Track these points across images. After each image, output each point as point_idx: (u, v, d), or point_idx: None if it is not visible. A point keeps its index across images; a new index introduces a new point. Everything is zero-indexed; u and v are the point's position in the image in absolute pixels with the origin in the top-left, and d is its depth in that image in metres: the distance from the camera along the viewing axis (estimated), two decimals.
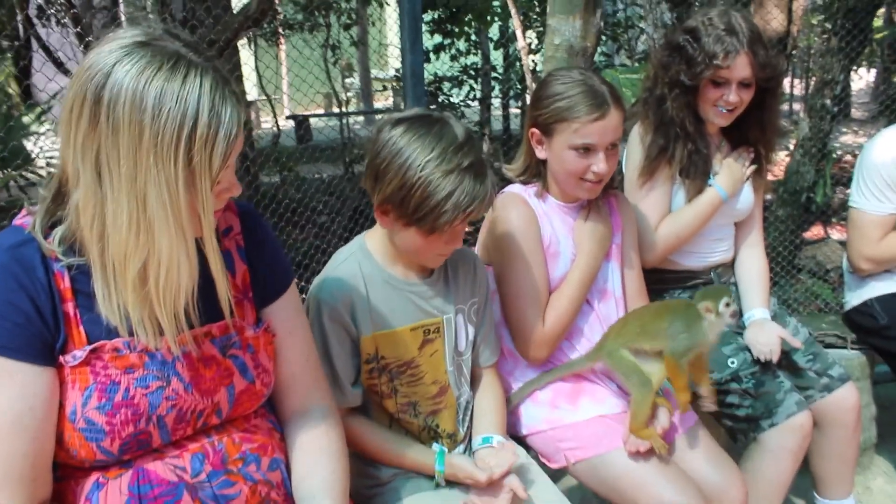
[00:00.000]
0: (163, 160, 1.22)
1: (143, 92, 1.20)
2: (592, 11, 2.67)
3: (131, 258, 1.25)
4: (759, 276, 2.60)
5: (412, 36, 3.07)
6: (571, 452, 2.05)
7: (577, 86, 2.05)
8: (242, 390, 1.48)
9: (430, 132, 1.72)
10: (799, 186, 5.25)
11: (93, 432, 1.33)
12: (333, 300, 1.79)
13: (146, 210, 1.23)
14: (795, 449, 2.28)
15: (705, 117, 2.46)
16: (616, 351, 2.06)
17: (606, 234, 2.18)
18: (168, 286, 1.28)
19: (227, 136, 1.25)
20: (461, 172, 1.68)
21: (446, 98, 8.71)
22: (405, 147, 1.71)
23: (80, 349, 1.33)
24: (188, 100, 1.22)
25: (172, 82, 1.22)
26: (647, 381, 2.01)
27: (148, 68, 1.21)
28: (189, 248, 1.29)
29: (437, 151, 1.69)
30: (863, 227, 2.76)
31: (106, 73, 1.21)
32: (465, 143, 1.72)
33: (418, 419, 1.91)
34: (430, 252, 1.82)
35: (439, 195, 1.67)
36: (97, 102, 1.21)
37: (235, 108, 1.27)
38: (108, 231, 1.25)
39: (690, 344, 2.02)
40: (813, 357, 2.52)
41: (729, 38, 2.32)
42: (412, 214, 1.71)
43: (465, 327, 1.95)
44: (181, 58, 1.24)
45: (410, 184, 1.68)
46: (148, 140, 1.21)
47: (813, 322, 3.32)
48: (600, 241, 2.16)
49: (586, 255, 2.14)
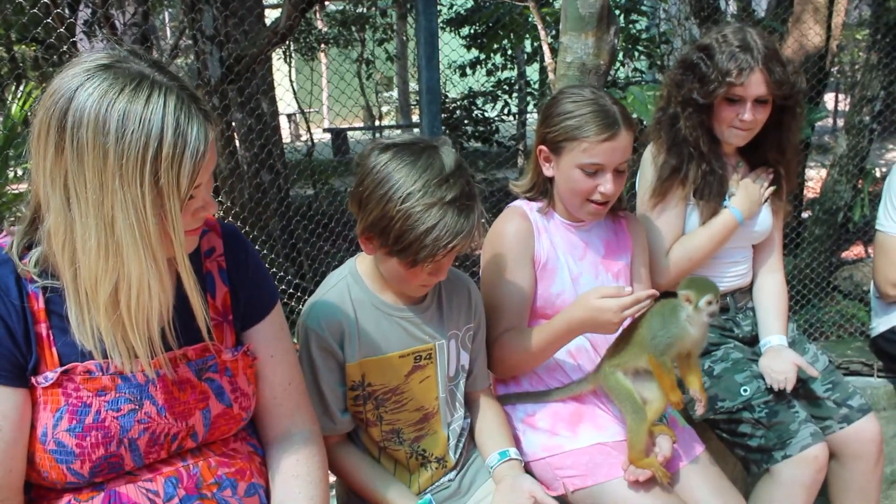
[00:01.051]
0: (128, 182, 1.21)
1: (106, 115, 1.20)
2: (606, 29, 2.62)
3: (102, 282, 1.25)
4: (778, 301, 2.51)
5: (428, 52, 3.05)
6: (570, 480, 1.99)
7: (588, 105, 2.01)
8: (219, 414, 1.46)
9: (417, 162, 1.67)
10: (835, 205, 5.11)
11: (63, 454, 1.33)
12: (320, 327, 1.77)
13: (114, 233, 1.23)
14: (809, 482, 2.19)
15: (721, 137, 2.40)
16: (612, 374, 2.01)
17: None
18: (139, 309, 1.28)
19: (194, 154, 1.24)
20: (443, 207, 1.63)
21: (481, 112, 8.69)
22: (388, 176, 1.66)
23: (51, 370, 1.33)
24: (152, 120, 1.21)
25: (135, 103, 1.21)
26: (640, 409, 1.95)
27: (110, 90, 1.21)
28: (160, 271, 1.28)
29: (419, 183, 1.64)
30: (890, 251, 2.67)
31: (69, 98, 1.21)
32: (451, 174, 1.67)
33: (403, 446, 1.88)
34: (413, 282, 1.79)
35: (419, 229, 1.63)
36: (61, 127, 1.21)
37: (202, 125, 1.26)
38: (78, 255, 1.25)
39: (669, 339, 1.93)
40: (832, 386, 2.43)
41: (743, 54, 2.26)
42: (392, 245, 1.68)
43: (457, 353, 1.92)
44: (145, 78, 1.24)
45: (391, 215, 1.65)
46: (113, 163, 1.20)
47: (838, 348, 3.21)
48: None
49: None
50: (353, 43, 9.07)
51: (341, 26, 9.08)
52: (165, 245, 1.28)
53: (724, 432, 2.36)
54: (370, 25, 8.97)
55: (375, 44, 9.22)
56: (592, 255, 2.17)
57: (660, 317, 1.96)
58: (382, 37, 9.27)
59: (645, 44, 6.92)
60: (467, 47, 8.52)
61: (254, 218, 4.73)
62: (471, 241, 1.70)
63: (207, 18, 4.55)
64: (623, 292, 1.89)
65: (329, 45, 9.25)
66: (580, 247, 2.16)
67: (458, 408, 1.95)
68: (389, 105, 13.69)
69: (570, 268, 2.13)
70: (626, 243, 2.24)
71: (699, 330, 1.95)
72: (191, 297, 1.34)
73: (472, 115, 8.57)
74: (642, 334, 1.97)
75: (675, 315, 1.94)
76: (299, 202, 6.38)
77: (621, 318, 1.89)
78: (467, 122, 8.56)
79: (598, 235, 2.19)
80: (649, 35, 7.09)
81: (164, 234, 1.27)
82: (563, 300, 2.11)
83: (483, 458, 1.96)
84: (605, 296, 1.90)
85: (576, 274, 2.13)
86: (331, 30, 9.40)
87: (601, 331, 1.98)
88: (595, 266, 2.16)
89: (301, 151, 8.45)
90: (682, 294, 1.93)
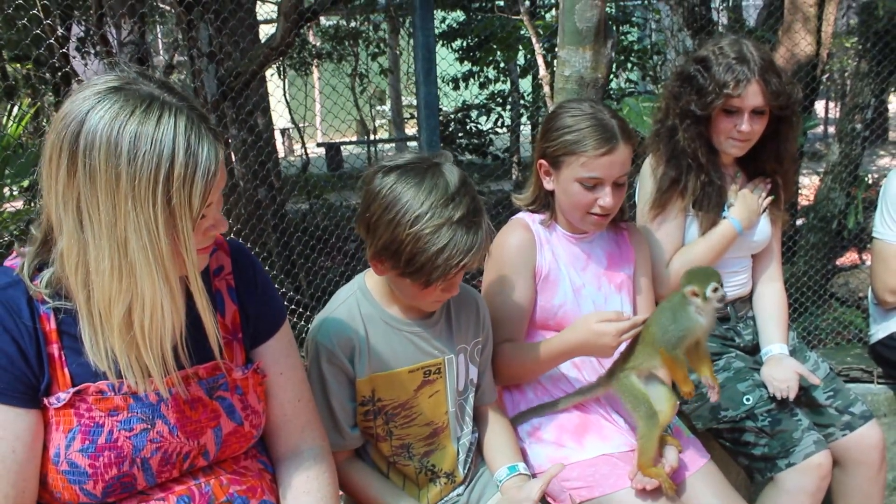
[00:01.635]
0: (141, 204, 1.22)
1: (118, 137, 1.21)
2: (603, 42, 2.65)
3: (115, 303, 1.25)
4: (778, 310, 2.53)
5: (426, 67, 3.07)
6: (577, 492, 2.00)
7: (587, 119, 2.03)
8: (230, 432, 1.47)
9: (422, 183, 1.67)
10: (829, 212, 5.14)
11: (76, 475, 1.33)
12: (331, 343, 1.77)
13: (127, 254, 1.23)
14: (813, 490, 2.20)
15: (719, 147, 2.42)
16: (626, 377, 2.01)
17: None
18: (153, 329, 1.28)
19: (206, 174, 1.25)
20: (452, 226, 1.64)
21: (475, 125, 8.72)
22: (395, 200, 1.66)
23: (64, 391, 1.33)
24: (163, 141, 1.22)
25: (146, 125, 1.22)
26: (654, 414, 1.96)
27: (121, 113, 1.22)
28: (173, 291, 1.28)
29: (427, 205, 1.64)
30: (887, 258, 2.68)
31: (80, 121, 1.22)
32: (456, 192, 1.67)
33: (413, 461, 1.88)
34: (427, 299, 1.80)
35: (430, 251, 1.64)
36: (73, 151, 1.22)
37: (213, 145, 1.27)
38: (91, 277, 1.25)
39: (681, 333, 1.94)
40: (834, 393, 2.44)
41: (740, 66, 2.28)
42: (405, 268, 1.68)
43: (465, 367, 1.93)
44: (155, 99, 1.25)
45: (400, 239, 1.65)
46: (125, 185, 1.21)
47: (838, 355, 3.22)
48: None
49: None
50: (346, 57, 9.10)
51: (335, 41, 9.10)
52: (178, 265, 1.29)
53: (727, 441, 2.38)
54: (363, 40, 8.99)
55: (369, 58, 9.25)
56: (595, 267, 2.18)
57: (669, 312, 1.97)
58: (375, 50, 9.31)
59: (637, 55, 6.96)
60: (460, 60, 8.56)
61: (250, 232, 4.74)
62: (481, 256, 1.71)
63: (203, 35, 4.57)
64: (622, 317, 1.93)
65: (323, 59, 9.27)
66: (582, 258, 2.17)
67: (468, 422, 1.96)
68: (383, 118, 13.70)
69: (573, 279, 2.14)
70: (628, 255, 2.25)
71: (708, 318, 1.97)
72: (203, 316, 1.35)
73: (466, 127, 8.60)
74: (652, 332, 1.98)
75: (684, 308, 1.95)
76: (294, 217, 6.38)
77: (619, 342, 1.93)
78: (462, 135, 8.59)
79: (600, 247, 2.21)
80: (641, 46, 7.14)
81: (176, 254, 1.27)
82: (564, 312, 2.12)
83: (491, 473, 1.96)
84: (605, 320, 1.93)
85: (578, 285, 2.14)
86: (324, 44, 9.43)
87: (598, 354, 2.02)
88: (598, 277, 2.17)
89: (296, 166, 8.45)
90: (687, 290, 1.95)
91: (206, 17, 4.30)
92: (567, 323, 2.10)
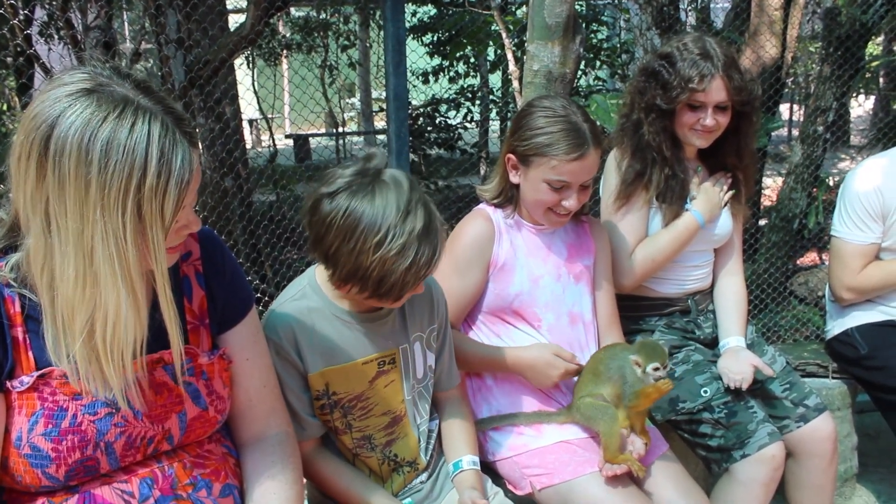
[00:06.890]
0: (110, 213, 1.19)
1: (89, 144, 1.17)
2: (572, 38, 2.67)
3: (78, 311, 1.24)
4: (737, 304, 2.59)
5: (395, 59, 3.07)
6: (537, 479, 2.03)
7: (559, 122, 2.05)
8: (195, 417, 1.47)
9: (373, 201, 1.61)
10: (791, 213, 5.24)
11: (38, 458, 1.32)
12: (278, 336, 1.75)
13: (93, 263, 1.21)
14: (766, 480, 2.25)
15: (683, 139, 2.46)
16: (582, 400, 2.07)
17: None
18: (115, 341, 1.26)
19: (179, 183, 1.23)
20: (414, 241, 1.60)
21: (444, 120, 8.73)
22: (351, 228, 1.61)
23: (27, 375, 1.32)
24: (136, 150, 1.19)
25: (119, 132, 1.19)
26: (609, 410, 2.01)
27: (93, 118, 1.18)
28: (138, 302, 1.26)
29: (386, 226, 1.59)
30: (844, 256, 2.75)
31: (50, 125, 1.18)
32: (409, 200, 1.62)
33: (376, 452, 1.88)
34: (392, 306, 1.81)
35: (398, 271, 1.61)
36: (43, 154, 1.18)
37: (188, 151, 1.24)
38: (56, 282, 1.24)
39: (634, 390, 2.01)
40: (789, 386, 2.50)
41: (704, 62, 2.33)
42: (374, 291, 1.67)
43: (423, 355, 1.92)
44: (129, 103, 1.21)
45: (365, 266, 1.61)
46: (95, 193, 1.18)
47: (795, 350, 3.29)
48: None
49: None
50: (316, 49, 9.04)
51: (304, 32, 9.04)
52: (146, 274, 1.27)
53: (685, 433, 2.42)
54: (333, 32, 8.94)
55: (339, 49, 9.19)
56: (555, 258, 2.21)
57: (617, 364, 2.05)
58: (345, 42, 9.26)
59: (606, 53, 7.02)
60: (430, 54, 8.55)
61: (216, 220, 4.70)
62: (442, 253, 1.69)
63: (172, 21, 4.52)
64: (575, 361, 2.10)
65: (292, 50, 9.20)
66: (543, 249, 2.21)
67: (426, 408, 1.96)
68: (352, 111, 13.65)
69: (531, 269, 2.17)
70: (588, 246, 2.29)
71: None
72: (169, 328, 1.33)
73: (435, 121, 8.59)
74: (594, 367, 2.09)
75: (631, 370, 2.02)
76: (261, 207, 6.35)
77: (561, 379, 2.11)
78: (430, 129, 8.59)
79: (561, 238, 2.24)
80: (611, 45, 7.20)
81: (144, 263, 1.25)
82: (521, 301, 2.16)
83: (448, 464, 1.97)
84: (560, 356, 2.06)
85: (537, 275, 2.17)
86: (294, 35, 9.36)
87: (537, 380, 2.12)
88: (557, 268, 2.21)
89: (263, 156, 8.40)
90: (631, 359, 2.02)
91: (174, 4, 4.26)
92: (524, 312, 2.15)
